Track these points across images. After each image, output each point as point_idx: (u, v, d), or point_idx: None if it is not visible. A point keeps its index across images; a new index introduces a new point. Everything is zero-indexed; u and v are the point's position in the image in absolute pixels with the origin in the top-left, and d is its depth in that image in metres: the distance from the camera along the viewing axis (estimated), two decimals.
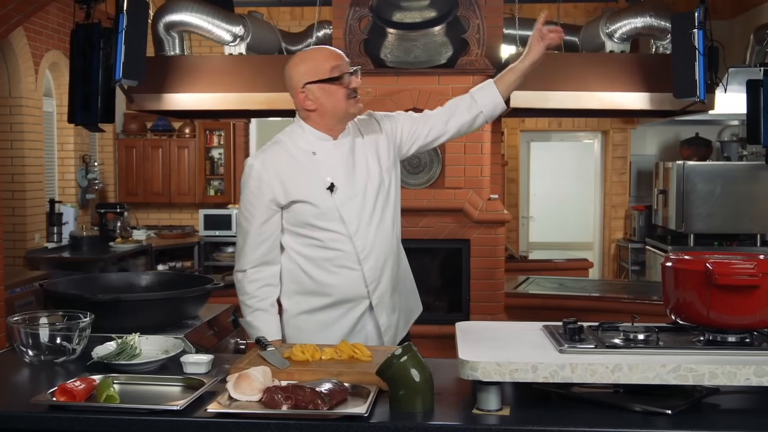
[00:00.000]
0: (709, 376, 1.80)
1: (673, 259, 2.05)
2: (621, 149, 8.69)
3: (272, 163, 2.62)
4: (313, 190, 2.59)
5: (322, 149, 2.64)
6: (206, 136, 9.07)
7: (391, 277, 2.70)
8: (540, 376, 1.83)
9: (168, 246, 8.46)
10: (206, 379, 2.05)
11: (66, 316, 2.39)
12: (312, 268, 2.63)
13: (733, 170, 7.34)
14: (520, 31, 5.65)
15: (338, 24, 5.27)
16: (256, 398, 1.91)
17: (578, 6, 8.57)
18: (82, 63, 4.98)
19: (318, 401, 1.85)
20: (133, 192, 8.94)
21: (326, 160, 2.62)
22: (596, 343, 1.96)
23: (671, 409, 1.81)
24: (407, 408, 1.87)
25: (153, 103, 5.11)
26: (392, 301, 2.72)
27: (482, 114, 2.76)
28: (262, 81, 5.16)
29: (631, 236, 8.50)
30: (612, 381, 1.82)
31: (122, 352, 2.27)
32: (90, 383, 1.97)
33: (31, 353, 2.29)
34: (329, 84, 2.58)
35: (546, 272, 6.77)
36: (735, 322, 1.96)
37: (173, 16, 5.26)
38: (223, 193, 9.12)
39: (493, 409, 1.86)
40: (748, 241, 7.35)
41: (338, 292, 2.64)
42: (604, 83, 5.06)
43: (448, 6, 5.15)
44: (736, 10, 7.62)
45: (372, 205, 2.65)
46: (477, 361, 1.83)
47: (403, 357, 1.89)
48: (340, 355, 2.22)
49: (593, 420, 1.81)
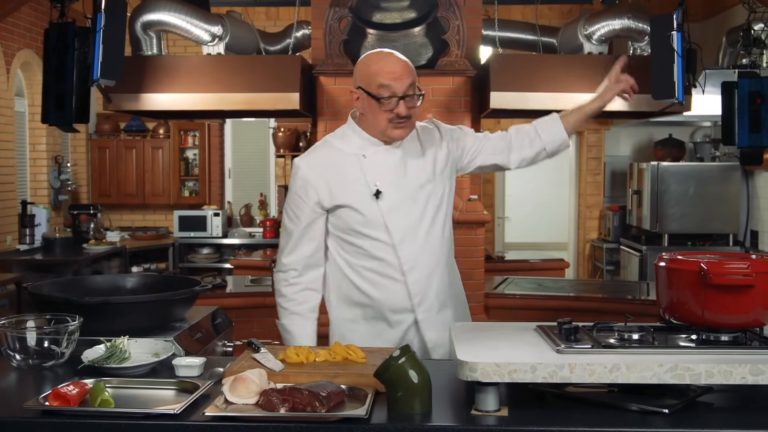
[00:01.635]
0: (705, 375, 1.81)
1: (666, 259, 2.06)
2: (595, 150, 8.76)
3: (318, 164, 2.57)
4: (359, 196, 2.52)
5: (373, 153, 2.56)
6: (181, 137, 9.00)
7: (439, 291, 2.60)
8: (539, 376, 1.83)
9: (142, 248, 8.38)
10: (200, 382, 2.03)
11: (53, 320, 2.35)
12: (356, 277, 2.58)
13: (706, 171, 7.43)
14: (499, 32, 5.67)
15: (317, 24, 5.24)
16: (252, 401, 1.89)
17: (553, 8, 8.63)
18: (56, 62, 4.91)
19: (316, 404, 1.83)
20: (106, 193, 8.85)
21: (375, 165, 2.54)
22: (592, 343, 1.97)
23: (668, 408, 1.83)
24: (406, 409, 1.87)
25: (131, 104, 5.04)
26: (441, 317, 2.62)
27: (545, 151, 2.70)
28: (241, 81, 5.11)
29: (605, 236, 8.57)
30: (610, 381, 1.83)
31: (112, 355, 2.24)
32: (83, 387, 1.94)
33: (18, 357, 2.25)
34: (374, 100, 2.49)
35: (523, 272, 6.79)
36: (729, 321, 1.98)
37: (151, 15, 5.19)
38: (197, 194, 9.06)
39: (492, 410, 1.86)
40: (720, 241, 7.44)
41: (381, 303, 2.57)
42: (583, 84, 5.07)
43: (428, 7, 5.13)
44: (708, 13, 7.71)
45: (420, 214, 2.55)
46: (476, 361, 1.83)
47: (402, 358, 1.89)
48: (335, 357, 2.21)
49: (593, 420, 1.82)
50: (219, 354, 2.82)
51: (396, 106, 2.47)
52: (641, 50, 5.31)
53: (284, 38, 6.00)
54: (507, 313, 5.20)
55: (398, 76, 2.46)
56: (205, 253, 8.75)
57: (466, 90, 5.18)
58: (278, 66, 5.21)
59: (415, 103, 2.51)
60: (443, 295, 2.63)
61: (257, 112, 5.78)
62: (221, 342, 2.87)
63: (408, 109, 2.49)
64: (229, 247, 8.73)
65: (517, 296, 5.41)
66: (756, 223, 7.26)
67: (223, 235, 8.67)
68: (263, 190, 9.22)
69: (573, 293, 5.48)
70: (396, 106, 2.47)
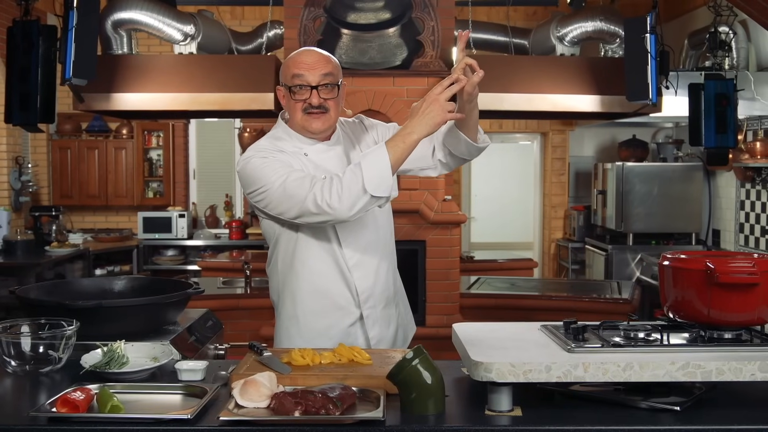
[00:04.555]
0: (716, 372, 1.84)
1: (670, 258, 2.09)
2: (560, 151, 8.86)
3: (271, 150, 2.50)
4: None
5: (313, 151, 2.56)
6: (144, 137, 8.86)
7: (384, 288, 2.62)
8: (554, 375, 1.84)
9: (105, 250, 8.24)
10: (207, 387, 2.00)
11: (47, 324, 2.30)
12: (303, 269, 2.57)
13: (669, 171, 7.56)
14: (473, 33, 5.70)
15: (291, 24, 5.21)
16: (263, 405, 1.87)
17: (518, 9, 8.69)
18: (21, 61, 4.81)
19: (330, 406, 1.82)
20: (67, 194, 8.67)
21: (319, 162, 2.54)
22: (602, 342, 1.99)
23: (680, 406, 1.85)
24: (419, 411, 1.86)
25: (104, 104, 4.96)
26: (386, 313, 2.65)
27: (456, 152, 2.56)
28: (215, 81, 5.07)
29: (570, 236, 8.67)
30: (623, 379, 1.84)
31: (111, 360, 2.20)
32: (88, 393, 1.89)
33: (14, 363, 2.20)
34: (288, 93, 2.51)
35: (492, 272, 6.83)
36: (733, 319, 2.01)
37: (122, 14, 5.12)
38: (162, 196, 8.93)
39: (505, 410, 1.86)
40: (683, 240, 7.57)
41: (327, 297, 2.58)
42: (557, 86, 5.14)
43: (403, 8, 5.15)
44: (670, 16, 7.83)
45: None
46: (491, 362, 1.83)
47: (415, 360, 1.88)
48: (340, 359, 2.19)
49: (606, 418, 1.83)
50: (212, 357, 2.79)
51: (309, 96, 2.46)
52: (612, 52, 5.39)
53: (255, 38, 5.95)
54: (481, 313, 5.23)
55: (310, 66, 2.46)
56: (170, 255, 8.63)
57: None
58: (252, 66, 5.18)
59: (331, 94, 2.48)
60: (389, 290, 2.65)
61: (231, 113, 5.72)
62: (213, 345, 2.83)
63: (321, 100, 2.46)
64: (195, 248, 8.63)
65: (492, 296, 5.45)
66: (718, 222, 7.41)
67: (188, 237, 8.56)
68: (228, 191, 9.13)
69: (546, 293, 5.54)
70: (309, 96, 2.46)
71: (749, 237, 6.75)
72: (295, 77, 2.47)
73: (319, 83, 2.47)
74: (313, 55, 2.52)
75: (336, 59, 2.59)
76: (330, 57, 2.55)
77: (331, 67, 2.51)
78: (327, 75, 2.49)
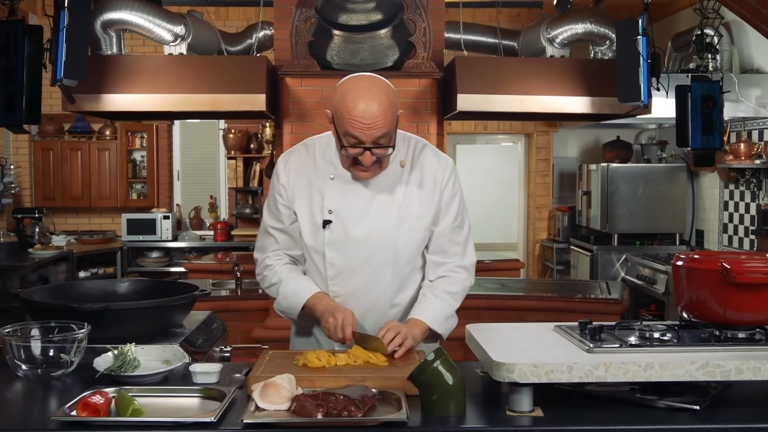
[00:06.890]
0: (735, 371, 1.86)
1: (685, 258, 2.11)
2: (544, 152, 8.90)
3: (291, 168, 2.49)
4: (309, 217, 2.45)
5: (343, 177, 2.43)
6: (128, 138, 8.78)
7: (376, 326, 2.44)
8: (575, 376, 1.85)
9: (89, 252, 8.17)
10: (225, 389, 1.99)
11: (57, 327, 2.27)
12: None
13: (653, 172, 7.62)
14: (464, 35, 5.71)
15: (282, 25, 5.20)
16: (284, 407, 1.86)
17: (502, 11, 8.72)
18: (6, 62, 4.76)
19: (352, 408, 1.82)
20: (50, 196, 8.57)
21: (340, 191, 2.42)
22: (620, 342, 2.00)
23: (699, 405, 1.87)
24: (441, 412, 1.87)
25: (95, 104, 4.90)
26: None
27: None
28: (206, 82, 5.03)
29: (555, 236, 8.72)
30: (644, 379, 1.86)
31: (123, 363, 2.18)
32: (107, 397, 1.88)
33: (24, 367, 2.17)
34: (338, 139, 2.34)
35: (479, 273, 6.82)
36: (748, 318, 2.03)
37: (111, 14, 5.07)
38: (146, 197, 8.86)
39: (527, 410, 1.87)
40: (667, 240, 7.64)
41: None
42: (548, 87, 5.16)
43: (394, 9, 5.15)
44: (653, 18, 7.88)
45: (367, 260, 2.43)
46: (513, 363, 1.84)
47: (436, 361, 1.88)
48: (356, 361, 2.19)
49: (625, 418, 1.85)
50: (217, 359, 2.77)
51: (362, 154, 2.29)
52: (602, 54, 5.43)
53: (245, 39, 5.93)
54: (471, 314, 5.18)
55: (367, 126, 2.23)
56: (154, 257, 8.57)
57: (432, 92, 5.21)
58: (243, 67, 5.15)
59: (385, 151, 2.31)
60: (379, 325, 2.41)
61: (222, 114, 5.69)
62: (218, 347, 2.82)
63: (372, 161, 2.30)
64: (179, 250, 8.57)
65: (482, 296, 5.45)
66: (701, 223, 7.50)
67: (172, 239, 8.50)
68: (213, 192, 9.08)
69: (537, 293, 5.56)
70: (362, 154, 2.29)
71: (733, 237, 6.83)
72: (349, 136, 2.27)
73: (374, 143, 2.28)
74: (372, 110, 2.23)
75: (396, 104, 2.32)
76: (388, 109, 2.27)
77: (387, 126, 2.26)
78: (383, 137, 2.27)
